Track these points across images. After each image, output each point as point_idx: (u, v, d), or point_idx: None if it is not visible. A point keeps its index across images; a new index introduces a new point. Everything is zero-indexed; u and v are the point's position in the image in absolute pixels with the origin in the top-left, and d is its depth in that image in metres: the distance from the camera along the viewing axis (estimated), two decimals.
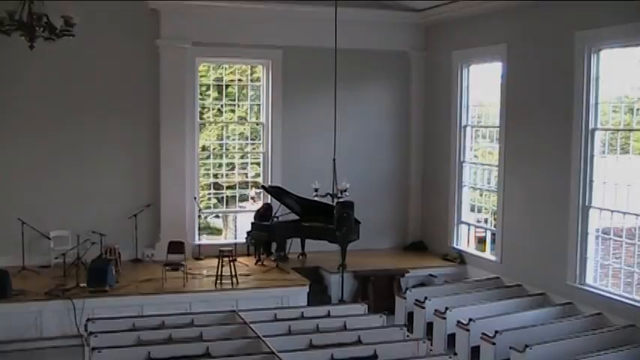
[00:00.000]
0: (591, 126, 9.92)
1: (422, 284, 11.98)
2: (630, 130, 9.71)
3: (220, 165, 13.69)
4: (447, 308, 9.67)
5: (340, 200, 10.86)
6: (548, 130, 10.61)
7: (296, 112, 13.27)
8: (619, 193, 9.56)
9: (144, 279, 10.88)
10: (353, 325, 8.55)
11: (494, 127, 12.11)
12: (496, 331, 8.62)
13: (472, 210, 12.94)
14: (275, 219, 12.27)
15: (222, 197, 13.78)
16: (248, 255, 12.56)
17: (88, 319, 8.46)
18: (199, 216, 12.97)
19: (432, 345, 9.05)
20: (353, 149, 13.28)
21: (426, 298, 10.16)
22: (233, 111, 14.00)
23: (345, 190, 10.81)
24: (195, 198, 12.78)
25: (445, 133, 13.21)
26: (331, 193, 10.88)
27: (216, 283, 10.70)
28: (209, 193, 13.80)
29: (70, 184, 12.12)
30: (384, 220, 13.85)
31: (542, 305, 10.20)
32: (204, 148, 13.52)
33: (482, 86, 12.56)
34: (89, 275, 10.10)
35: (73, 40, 8.56)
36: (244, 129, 13.94)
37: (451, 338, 9.46)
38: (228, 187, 13.75)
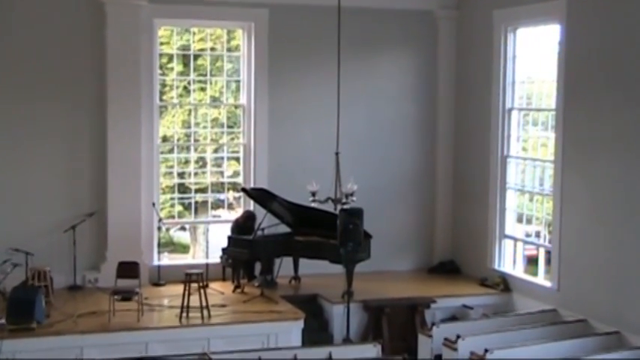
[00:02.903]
0: None
1: (453, 318, 12.04)
2: None
3: (187, 161, 13.68)
4: (486, 350, 9.59)
5: (345, 207, 10.87)
6: (622, 114, 10.53)
7: (287, 91, 13.30)
8: None
9: (84, 312, 10.81)
10: None
11: (549, 110, 12.11)
12: None
13: (519, 220, 12.92)
14: (259, 232, 12.23)
15: (190, 203, 13.82)
16: (224, 279, 12.64)
17: None
18: (159, 228, 12.95)
19: None
20: (362, 140, 13.37)
21: (458, 336, 10.10)
22: (204, 89, 14.03)
23: (352, 194, 10.81)
24: (153, 204, 12.79)
25: (483, 119, 13.20)
26: (333, 197, 10.86)
27: (181, 316, 10.69)
28: (172, 198, 13.83)
29: None
30: (402, 233, 13.91)
31: (615, 348, 10.12)
32: (165, 139, 13.61)
33: (534, 56, 12.53)
34: (9, 308, 10.01)
35: None
36: (219, 113, 13.95)
37: None
38: (197, 191, 13.79)
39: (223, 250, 12.50)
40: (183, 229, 16.58)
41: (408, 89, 13.93)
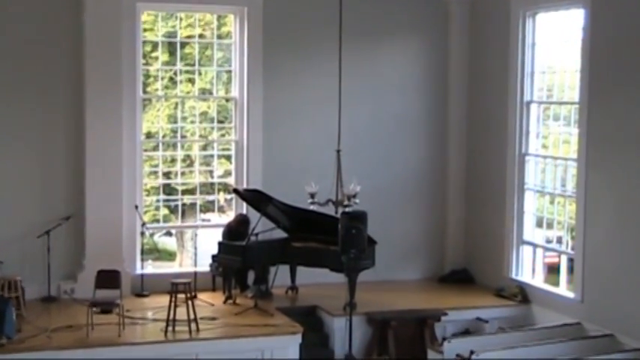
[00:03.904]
0: None
1: (466, 332, 12.04)
2: None
3: (173, 159, 13.70)
4: None
5: (347, 210, 10.84)
6: None
7: (283, 83, 13.30)
8: None
9: (59, 326, 10.76)
10: None
11: (572, 103, 12.10)
12: None
13: (539, 225, 12.87)
14: (253, 237, 12.20)
15: (177, 206, 13.82)
16: (214, 290, 12.68)
17: None
18: (143, 233, 12.91)
19: None
20: (365, 137, 13.43)
21: (472, 352, 10.13)
22: (192, 81, 13.97)
23: (355, 196, 10.79)
24: (136, 207, 12.79)
25: (499, 114, 13.19)
26: (334, 199, 10.86)
27: (166, 330, 10.65)
28: (157, 201, 13.80)
29: None
30: (410, 238, 13.93)
31: None
32: (149, 135, 13.57)
33: (555, 44, 12.52)
34: None
35: None
36: (208, 107, 13.97)
37: None
38: (184, 192, 13.77)
39: (213, 257, 12.47)
40: (169, 234, 16.59)
41: (417, 81, 13.92)
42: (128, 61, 12.53)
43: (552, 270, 12.79)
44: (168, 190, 13.78)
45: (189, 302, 10.63)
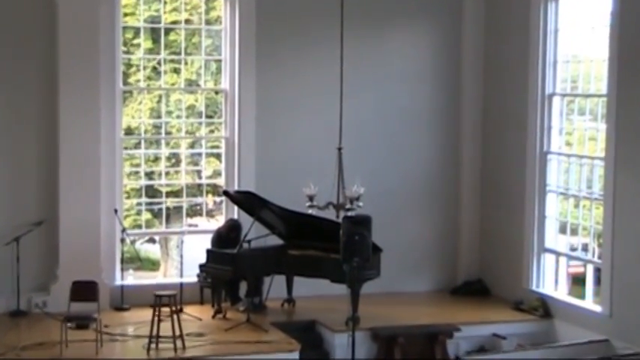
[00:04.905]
0: None
1: (482, 349, 12.06)
2: None
3: (157, 158, 13.74)
4: None
5: (350, 214, 10.82)
6: None
7: (278, 74, 13.35)
8: None
9: (30, 343, 10.77)
10: None
11: (599, 95, 12.12)
12: None
13: (562, 231, 12.90)
14: (245, 244, 12.17)
15: (161, 210, 13.82)
16: (201, 303, 12.75)
17: None
18: (123, 240, 12.97)
19: None
20: (370, 133, 13.51)
21: None
22: (177, 71, 14.02)
23: (358, 199, 10.77)
24: (115, 211, 12.76)
25: (518, 108, 13.20)
26: (335, 202, 10.86)
27: (149, 348, 10.67)
28: (139, 204, 13.83)
29: None
30: (419, 246, 13.96)
31: None
32: (130, 132, 13.64)
33: (580, 31, 12.56)
34: None
35: None
36: (196, 100, 14.05)
37: None
38: (169, 194, 13.99)
39: (201, 266, 12.50)
40: (152, 241, 16.54)
41: (427, 71, 13.95)
42: (106, 50, 12.53)
43: (577, 281, 12.96)
44: (151, 192, 13.90)
45: (175, 316, 10.65)
